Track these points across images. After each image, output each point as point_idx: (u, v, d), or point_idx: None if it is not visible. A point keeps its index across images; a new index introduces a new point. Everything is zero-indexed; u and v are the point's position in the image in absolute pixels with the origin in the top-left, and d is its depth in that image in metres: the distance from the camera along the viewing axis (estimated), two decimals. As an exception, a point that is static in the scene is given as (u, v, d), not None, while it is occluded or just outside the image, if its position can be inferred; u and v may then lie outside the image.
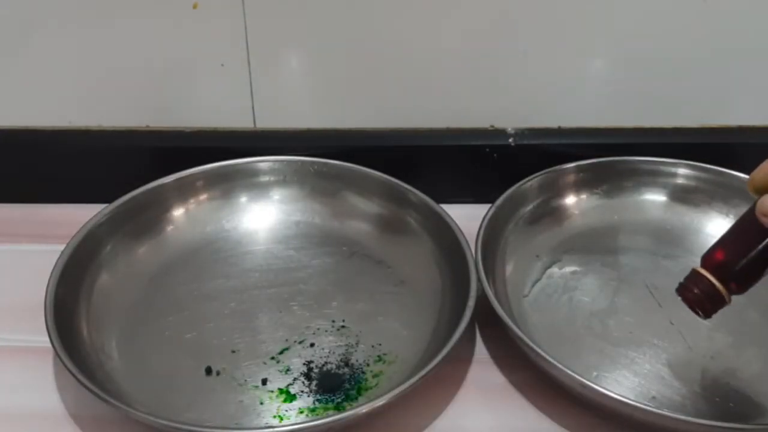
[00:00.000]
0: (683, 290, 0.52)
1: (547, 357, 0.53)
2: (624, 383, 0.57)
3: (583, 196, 0.71)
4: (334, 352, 0.59)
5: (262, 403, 0.55)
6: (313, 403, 0.55)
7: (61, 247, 0.61)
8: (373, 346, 0.60)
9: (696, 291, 0.51)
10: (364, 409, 0.50)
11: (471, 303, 0.57)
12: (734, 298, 0.63)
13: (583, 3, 0.67)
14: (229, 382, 0.57)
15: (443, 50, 0.69)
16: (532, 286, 0.65)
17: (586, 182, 0.71)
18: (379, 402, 0.50)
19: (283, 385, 0.56)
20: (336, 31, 0.69)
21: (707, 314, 0.52)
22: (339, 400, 0.56)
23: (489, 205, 0.66)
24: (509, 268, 0.65)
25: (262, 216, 0.70)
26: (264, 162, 0.71)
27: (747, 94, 0.72)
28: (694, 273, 0.51)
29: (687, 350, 0.59)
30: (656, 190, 0.72)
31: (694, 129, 0.74)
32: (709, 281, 0.50)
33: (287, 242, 0.69)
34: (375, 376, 0.57)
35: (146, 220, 0.67)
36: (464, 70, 0.71)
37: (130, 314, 0.61)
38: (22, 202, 0.74)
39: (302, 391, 0.56)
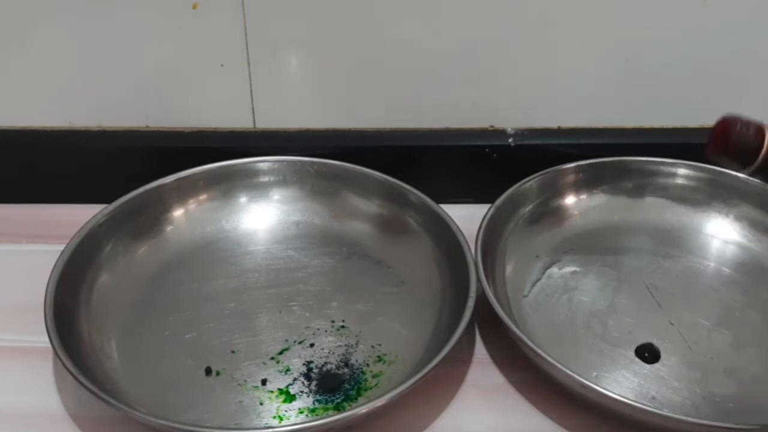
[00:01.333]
0: (731, 122, 0.47)
1: (547, 357, 0.53)
2: (624, 383, 0.57)
3: (583, 196, 0.71)
4: (333, 353, 0.59)
5: (261, 404, 0.55)
6: (313, 403, 0.55)
7: (61, 247, 0.60)
8: (372, 347, 0.60)
9: (744, 130, 0.46)
10: (363, 409, 0.50)
11: (470, 303, 0.57)
12: (734, 297, 0.63)
13: (584, 3, 0.67)
14: (229, 382, 0.57)
15: (443, 50, 0.69)
16: (532, 286, 0.65)
17: (586, 182, 0.71)
18: (379, 402, 0.50)
19: (282, 386, 0.56)
20: (336, 31, 0.69)
21: (722, 154, 0.47)
22: (339, 400, 0.56)
23: (489, 206, 0.65)
24: (509, 269, 0.65)
25: (262, 216, 0.70)
26: (264, 162, 0.70)
27: (747, 94, 0.72)
28: (759, 126, 0.46)
29: (687, 350, 0.59)
30: (656, 190, 0.71)
31: (694, 129, 0.74)
32: (763, 140, 0.46)
33: (287, 242, 0.69)
34: (375, 376, 0.57)
35: (146, 220, 0.67)
36: (464, 70, 0.71)
37: (129, 314, 0.61)
38: (22, 202, 0.74)
39: (302, 392, 0.56)
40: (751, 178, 0.69)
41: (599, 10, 0.67)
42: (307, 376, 0.57)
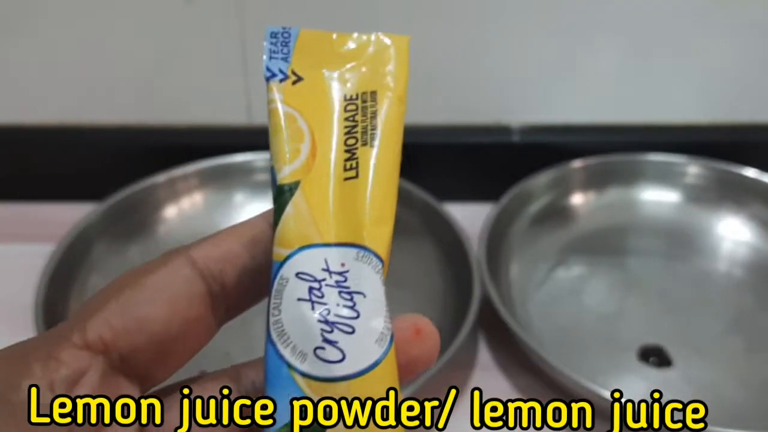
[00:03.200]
0: None
1: (553, 362, 0.52)
2: (633, 388, 0.55)
3: (591, 195, 0.70)
4: (332, 356, 0.58)
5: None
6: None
7: (52, 247, 0.60)
8: (372, 350, 0.58)
9: None
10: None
11: (474, 306, 0.56)
12: (746, 300, 0.62)
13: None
14: (224, 386, 0.55)
15: (446, 45, 0.68)
16: (538, 288, 0.63)
17: (594, 181, 0.70)
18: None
19: (279, 390, 0.55)
20: (335, 27, 0.67)
21: None
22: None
23: (493, 205, 0.65)
24: (514, 270, 0.64)
25: (259, 215, 0.69)
26: (260, 159, 0.69)
27: (758, 90, 0.71)
28: None
29: (697, 354, 0.58)
30: (666, 188, 0.70)
31: (705, 126, 0.73)
32: None
33: (285, 242, 0.68)
34: (374, 380, 0.56)
35: (138, 219, 0.66)
36: (468, 65, 0.70)
37: (122, 316, 0.60)
38: (12, 200, 0.73)
39: (299, 396, 0.55)
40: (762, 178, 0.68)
41: (608, 4, 0.66)
42: (305, 380, 0.56)
